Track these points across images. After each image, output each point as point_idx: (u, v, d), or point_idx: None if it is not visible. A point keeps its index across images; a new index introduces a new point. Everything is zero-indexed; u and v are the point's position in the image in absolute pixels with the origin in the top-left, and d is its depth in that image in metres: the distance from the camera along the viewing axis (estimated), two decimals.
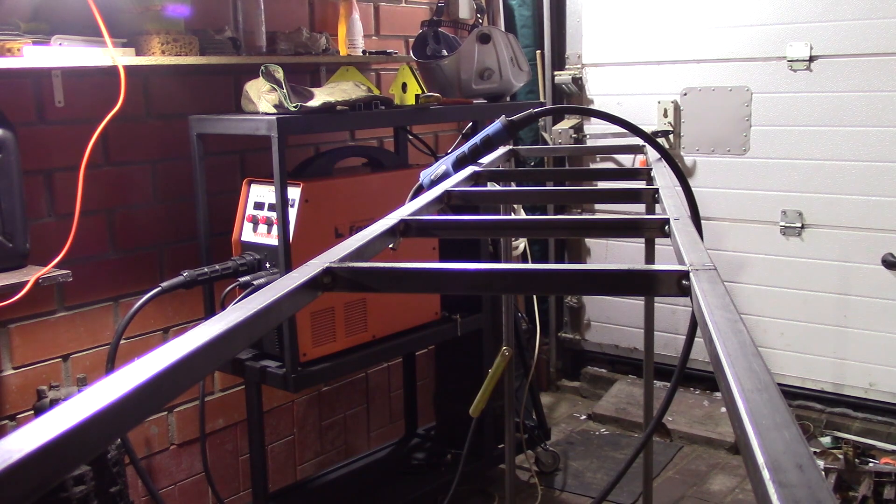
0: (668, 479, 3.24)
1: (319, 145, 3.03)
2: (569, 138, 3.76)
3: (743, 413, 0.41)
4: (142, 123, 2.53)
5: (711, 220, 3.53)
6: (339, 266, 0.72)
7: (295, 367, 2.35)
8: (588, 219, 2.88)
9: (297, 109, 2.31)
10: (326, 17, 3.01)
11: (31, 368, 2.33)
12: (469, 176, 1.29)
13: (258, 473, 2.52)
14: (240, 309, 0.57)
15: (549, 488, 3.20)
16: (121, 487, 2.18)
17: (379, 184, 2.61)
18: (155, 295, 2.26)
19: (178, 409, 2.69)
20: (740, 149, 3.50)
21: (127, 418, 0.44)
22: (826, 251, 3.36)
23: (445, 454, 3.07)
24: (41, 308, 2.33)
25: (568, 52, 3.92)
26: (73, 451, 0.39)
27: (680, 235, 0.84)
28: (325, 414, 3.18)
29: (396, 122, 2.94)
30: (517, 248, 3.55)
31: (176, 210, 2.62)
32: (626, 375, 3.97)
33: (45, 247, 2.23)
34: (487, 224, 1.18)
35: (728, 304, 0.58)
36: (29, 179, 2.21)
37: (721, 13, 3.45)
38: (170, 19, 2.35)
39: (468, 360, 3.07)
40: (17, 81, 2.24)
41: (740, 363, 0.47)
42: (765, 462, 0.36)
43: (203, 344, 0.51)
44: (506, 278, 0.76)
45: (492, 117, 1.81)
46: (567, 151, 3.58)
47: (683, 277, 0.68)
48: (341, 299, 2.46)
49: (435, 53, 3.06)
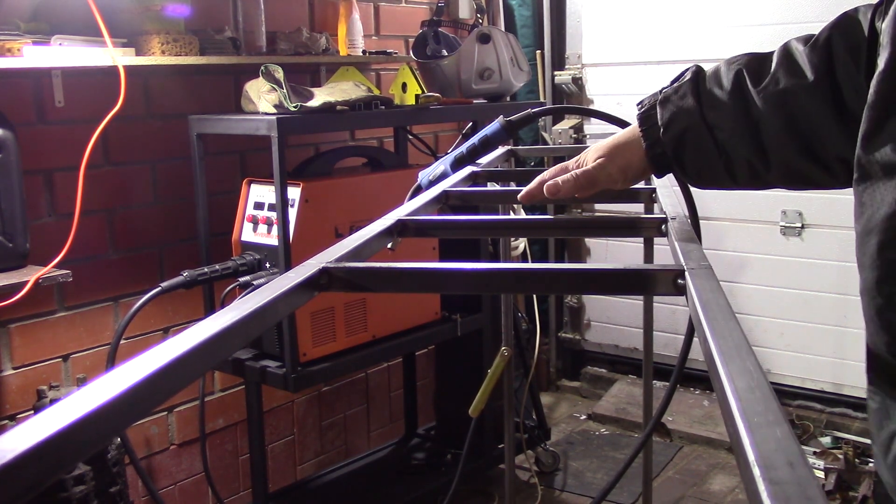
0: (668, 479, 3.24)
1: (319, 145, 3.03)
2: (569, 138, 3.76)
3: (735, 411, 0.41)
4: (142, 123, 2.53)
5: (711, 220, 3.53)
6: (336, 266, 0.72)
7: (295, 367, 2.35)
8: (586, 218, 2.88)
9: (297, 109, 2.31)
10: (326, 17, 3.01)
11: (31, 368, 2.33)
12: (468, 176, 1.29)
13: (258, 473, 2.52)
14: (235, 309, 0.57)
15: (549, 488, 3.20)
16: (121, 487, 2.19)
17: (379, 184, 2.61)
18: (155, 295, 2.26)
19: (178, 409, 2.69)
20: None
21: (123, 417, 0.44)
22: (826, 251, 3.36)
23: (445, 454, 3.07)
24: (41, 308, 2.33)
25: (568, 52, 3.92)
26: (69, 450, 0.39)
27: (676, 234, 0.84)
28: (325, 414, 3.18)
29: (396, 122, 2.94)
30: (517, 248, 3.55)
31: (176, 210, 2.62)
32: (626, 375, 3.97)
33: (45, 247, 2.23)
34: (486, 224, 1.18)
35: (723, 302, 0.58)
36: (29, 179, 2.22)
37: (721, 13, 3.45)
38: (170, 19, 2.36)
39: (468, 360, 3.07)
40: (17, 81, 2.24)
41: (733, 361, 0.47)
42: (756, 459, 0.37)
43: (199, 343, 0.51)
44: (505, 278, 0.76)
45: (491, 117, 1.81)
46: (567, 151, 3.56)
47: (679, 276, 0.68)
48: (341, 299, 2.47)
49: (435, 53, 3.06)
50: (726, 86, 0.95)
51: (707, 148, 0.96)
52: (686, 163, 0.99)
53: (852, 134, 0.84)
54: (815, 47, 0.90)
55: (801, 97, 0.89)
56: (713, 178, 1.00)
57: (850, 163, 0.84)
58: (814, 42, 0.91)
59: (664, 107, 0.98)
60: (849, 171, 0.85)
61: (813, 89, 0.89)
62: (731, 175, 0.98)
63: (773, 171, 0.95)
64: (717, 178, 1.00)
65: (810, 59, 0.90)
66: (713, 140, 0.96)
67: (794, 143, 0.91)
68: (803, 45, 0.91)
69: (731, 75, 0.95)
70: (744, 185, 0.99)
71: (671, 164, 1.00)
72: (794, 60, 0.91)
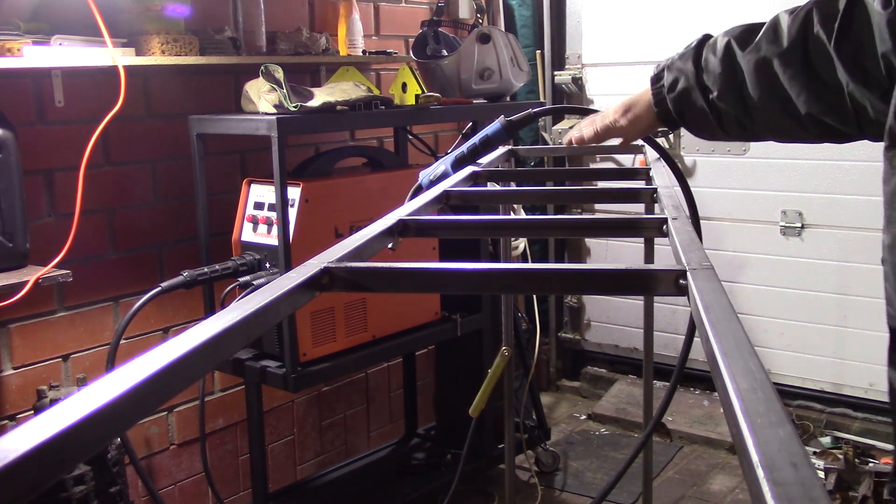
0: (668, 479, 3.24)
1: (319, 145, 3.03)
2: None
3: (738, 411, 0.41)
4: (142, 123, 2.53)
5: (711, 220, 3.53)
6: (337, 266, 0.72)
7: (295, 367, 2.35)
8: (587, 218, 2.88)
9: (297, 109, 2.31)
10: (326, 17, 3.01)
11: (31, 368, 2.33)
12: (468, 176, 1.29)
13: (258, 473, 2.52)
14: (237, 309, 0.57)
15: (549, 488, 3.20)
16: (121, 487, 2.19)
17: (379, 184, 2.61)
18: (155, 295, 2.26)
19: (178, 409, 2.69)
20: (740, 148, 3.50)
21: (124, 418, 0.44)
22: (826, 251, 3.36)
23: (445, 454, 3.07)
24: (41, 308, 2.33)
25: (568, 52, 3.92)
26: (70, 451, 0.39)
27: (678, 235, 0.84)
28: (325, 414, 3.18)
29: (396, 122, 2.94)
30: (517, 248, 3.55)
31: (176, 210, 2.62)
32: (626, 375, 3.97)
33: (45, 247, 2.23)
34: (487, 224, 1.18)
35: (725, 302, 0.58)
36: (29, 179, 2.21)
37: (721, 13, 3.45)
38: (170, 19, 2.35)
39: (468, 360, 3.07)
40: (17, 81, 2.24)
41: (736, 361, 0.47)
42: (759, 460, 0.36)
43: (200, 344, 0.51)
44: (505, 278, 0.76)
45: (491, 117, 1.81)
46: (567, 151, 3.57)
47: (681, 276, 0.68)
48: (341, 299, 2.47)
49: (435, 53, 3.06)
50: (719, 53, 1.10)
51: (701, 106, 1.13)
52: (686, 118, 1.16)
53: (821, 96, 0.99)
54: (796, 18, 1.02)
55: (777, 62, 1.03)
56: (710, 132, 1.17)
57: (820, 120, 1.01)
58: (797, 13, 1.02)
59: (670, 71, 1.17)
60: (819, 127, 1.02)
61: (787, 56, 1.02)
62: (724, 129, 1.14)
63: (758, 126, 1.10)
64: (713, 132, 1.16)
65: (789, 28, 1.02)
66: (705, 100, 1.12)
67: (773, 103, 1.05)
68: (789, 15, 1.04)
69: (723, 43, 1.11)
70: (734, 137, 1.16)
71: (674, 119, 1.18)
72: (778, 30, 1.04)
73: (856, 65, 0.94)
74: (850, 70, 0.94)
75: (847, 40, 0.94)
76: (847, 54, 0.94)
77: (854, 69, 0.94)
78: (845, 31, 0.94)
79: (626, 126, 1.25)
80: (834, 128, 1.02)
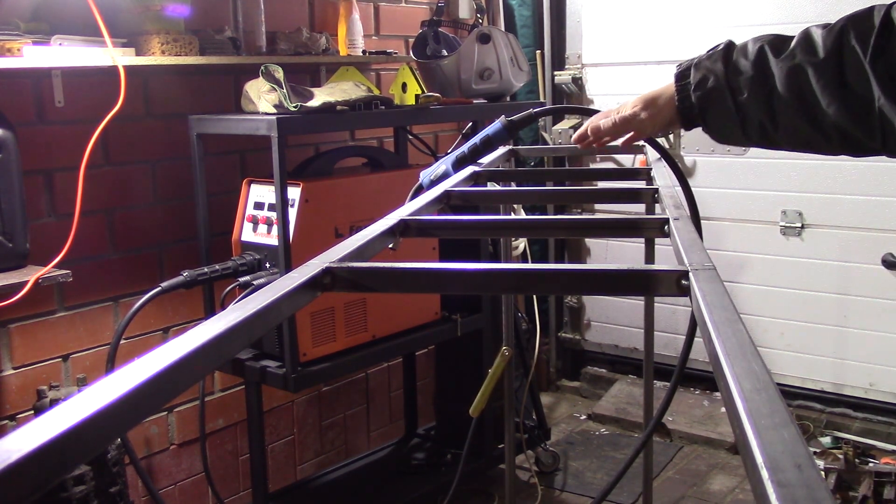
0: (668, 479, 3.24)
1: (319, 145, 3.03)
2: (569, 138, 3.76)
3: (742, 413, 0.41)
4: (142, 123, 2.53)
5: (711, 220, 3.53)
6: (339, 266, 0.72)
7: (295, 367, 2.35)
8: (588, 219, 2.88)
9: (297, 109, 2.31)
10: (326, 17, 3.01)
11: (31, 368, 2.33)
12: (469, 176, 1.29)
13: (258, 473, 2.52)
14: (238, 309, 0.57)
15: (549, 488, 3.20)
16: (121, 487, 2.18)
17: (379, 184, 2.61)
18: (155, 295, 2.26)
19: (178, 409, 2.69)
20: (740, 148, 3.50)
21: (125, 419, 0.44)
22: (826, 251, 3.35)
23: (445, 454, 3.07)
24: (41, 308, 2.33)
25: (568, 52, 3.92)
26: (71, 452, 0.39)
27: (679, 235, 0.84)
28: (325, 414, 3.18)
29: (396, 122, 2.94)
30: (517, 248, 3.55)
31: (176, 210, 2.62)
32: (626, 375, 3.97)
33: (45, 247, 2.23)
34: (487, 224, 1.18)
35: (727, 303, 0.58)
36: (29, 179, 2.21)
37: (721, 13, 3.45)
38: (170, 19, 2.35)
39: (468, 360, 3.07)
40: (17, 81, 2.24)
41: (739, 363, 0.47)
42: (763, 462, 0.36)
43: (202, 344, 0.51)
44: (506, 278, 0.76)
45: (492, 117, 1.81)
46: (567, 151, 3.58)
47: (683, 277, 0.68)
48: (341, 299, 2.47)
49: (435, 53, 3.06)
50: (751, 56, 1.10)
51: (727, 107, 1.13)
52: (709, 119, 1.16)
53: (851, 107, 1.01)
54: (831, 31, 1.03)
55: (811, 71, 1.04)
56: (730, 135, 1.18)
57: (845, 131, 1.03)
58: (830, 27, 1.04)
59: (697, 69, 1.16)
60: (843, 137, 1.04)
61: (822, 66, 1.03)
62: (746, 133, 1.14)
63: (780, 132, 1.11)
64: (734, 135, 1.17)
65: (824, 40, 1.03)
66: (733, 101, 1.12)
67: (801, 110, 1.06)
68: (821, 29, 1.05)
69: (756, 48, 1.11)
70: (753, 142, 1.16)
71: (697, 118, 1.17)
72: (812, 41, 1.05)
73: (890, 80, 0.97)
74: (883, 86, 0.97)
75: (883, 57, 0.97)
76: (882, 70, 0.98)
77: (887, 85, 0.97)
78: (882, 48, 0.97)
79: (645, 119, 1.24)
80: (857, 140, 1.04)
